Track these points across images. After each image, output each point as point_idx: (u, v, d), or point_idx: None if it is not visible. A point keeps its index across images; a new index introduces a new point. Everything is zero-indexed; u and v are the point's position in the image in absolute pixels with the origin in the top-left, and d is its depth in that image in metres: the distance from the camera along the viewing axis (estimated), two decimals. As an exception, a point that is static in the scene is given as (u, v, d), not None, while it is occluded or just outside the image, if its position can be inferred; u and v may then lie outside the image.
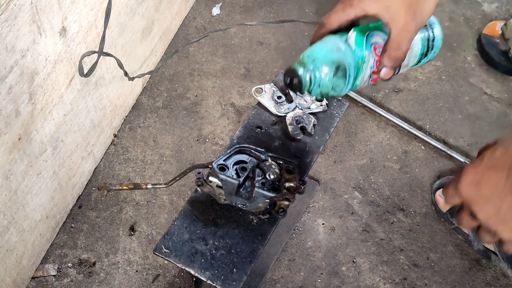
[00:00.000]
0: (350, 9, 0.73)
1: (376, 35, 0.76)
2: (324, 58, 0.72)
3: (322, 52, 0.73)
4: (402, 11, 0.71)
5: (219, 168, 0.87)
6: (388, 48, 0.74)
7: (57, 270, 1.20)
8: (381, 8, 0.71)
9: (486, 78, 1.60)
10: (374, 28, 0.77)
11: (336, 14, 0.74)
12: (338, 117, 1.08)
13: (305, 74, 0.73)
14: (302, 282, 1.22)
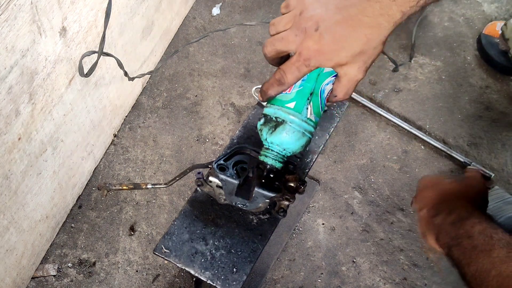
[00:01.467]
0: (306, 68, 0.74)
1: (326, 86, 0.79)
2: (294, 147, 0.79)
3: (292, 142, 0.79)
4: (356, 67, 0.74)
5: (219, 168, 0.87)
6: (337, 94, 0.78)
7: (57, 270, 1.20)
8: (335, 65, 0.73)
9: (486, 78, 1.60)
10: (321, 78, 0.78)
11: (292, 74, 0.75)
12: (338, 117, 1.07)
13: (280, 164, 0.82)
14: (302, 282, 1.22)
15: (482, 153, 1.44)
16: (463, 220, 0.75)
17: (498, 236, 0.69)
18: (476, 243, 0.70)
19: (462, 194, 0.82)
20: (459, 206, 0.78)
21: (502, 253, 0.67)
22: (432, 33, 1.71)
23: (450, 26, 1.74)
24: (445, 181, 0.86)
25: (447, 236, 0.75)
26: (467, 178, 0.87)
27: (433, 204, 0.82)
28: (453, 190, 0.83)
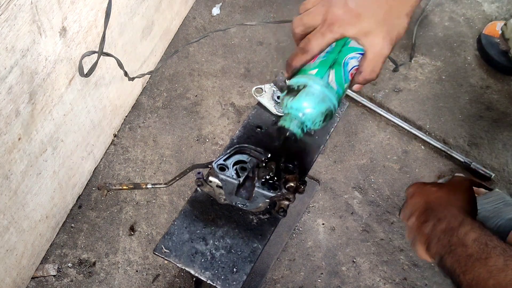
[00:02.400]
0: (330, 34, 0.75)
1: (350, 60, 0.78)
2: (313, 112, 0.76)
3: (311, 106, 0.76)
4: (380, 37, 0.75)
5: (219, 168, 0.87)
6: (363, 70, 0.78)
7: (57, 270, 1.20)
8: (360, 33, 0.75)
9: (486, 78, 1.60)
10: (345, 51, 0.78)
11: (316, 40, 0.77)
12: (338, 117, 1.07)
13: (299, 130, 0.77)
14: (302, 282, 1.22)
15: (483, 153, 1.44)
16: (455, 227, 0.73)
17: (493, 243, 0.68)
18: (471, 251, 0.69)
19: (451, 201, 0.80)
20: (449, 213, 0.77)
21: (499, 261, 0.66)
22: (433, 33, 1.70)
23: (450, 26, 1.74)
24: (432, 188, 0.84)
25: (438, 245, 0.74)
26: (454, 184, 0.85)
27: (421, 212, 0.80)
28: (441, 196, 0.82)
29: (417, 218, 0.80)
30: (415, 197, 0.84)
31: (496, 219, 1.18)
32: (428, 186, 0.85)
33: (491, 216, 1.18)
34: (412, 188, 0.87)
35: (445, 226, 0.74)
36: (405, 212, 0.85)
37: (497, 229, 1.16)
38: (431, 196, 0.82)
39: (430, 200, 0.81)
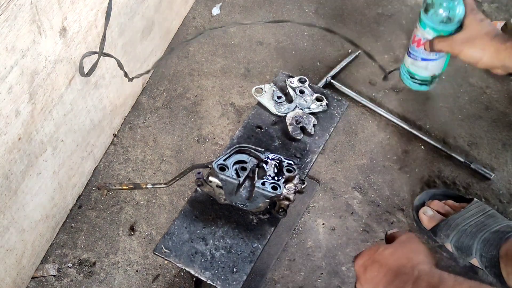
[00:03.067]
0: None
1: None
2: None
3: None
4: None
5: (219, 168, 0.87)
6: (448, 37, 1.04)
7: (57, 270, 1.20)
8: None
9: (486, 78, 1.60)
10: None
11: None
12: (338, 117, 1.08)
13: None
14: (302, 282, 1.22)
15: (482, 153, 1.44)
16: (436, 285, 0.69)
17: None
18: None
19: (413, 258, 0.76)
20: (421, 271, 0.73)
21: None
22: (432, 33, 1.70)
23: (450, 26, 1.74)
24: (384, 252, 0.78)
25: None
26: (404, 241, 0.81)
27: (389, 282, 0.75)
28: (400, 257, 0.77)
29: (385, 286, 0.75)
30: (371, 270, 0.78)
31: (480, 233, 1.17)
32: (378, 252, 0.79)
33: (475, 231, 1.17)
34: (360, 260, 0.81)
35: (425, 286, 0.70)
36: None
37: (484, 243, 1.15)
38: (390, 261, 0.77)
39: (391, 266, 0.76)
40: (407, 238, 0.81)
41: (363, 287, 0.79)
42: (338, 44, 1.65)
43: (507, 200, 1.35)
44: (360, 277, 0.80)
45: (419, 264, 0.74)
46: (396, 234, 0.84)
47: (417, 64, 1.45)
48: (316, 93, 1.09)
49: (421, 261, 0.75)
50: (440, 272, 0.72)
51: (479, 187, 1.37)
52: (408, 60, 1.48)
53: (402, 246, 0.79)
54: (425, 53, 1.40)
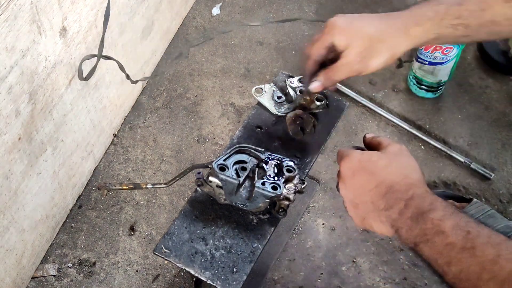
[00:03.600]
0: (324, 37, 0.85)
1: None
2: None
3: None
4: (357, 50, 0.83)
5: (219, 168, 0.87)
6: (329, 68, 0.86)
7: (57, 270, 1.20)
8: (343, 40, 0.84)
9: (486, 78, 1.60)
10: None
11: (313, 43, 0.87)
12: (338, 117, 1.07)
13: None
14: (302, 282, 1.22)
15: (482, 153, 1.44)
16: (425, 212, 0.66)
17: (475, 230, 0.63)
18: (451, 239, 0.63)
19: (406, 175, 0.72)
20: (413, 193, 0.69)
21: (489, 251, 0.61)
22: (432, 33, 1.70)
23: (450, 26, 1.74)
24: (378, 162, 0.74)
25: (410, 233, 0.67)
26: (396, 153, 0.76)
27: (379, 196, 0.72)
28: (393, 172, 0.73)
29: (374, 204, 0.72)
30: (360, 176, 0.74)
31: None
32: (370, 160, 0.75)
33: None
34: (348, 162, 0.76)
35: (414, 212, 0.68)
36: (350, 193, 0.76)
37: None
38: (383, 173, 0.73)
39: (385, 179, 0.72)
40: (400, 151, 0.77)
41: (348, 191, 0.76)
42: (338, 44, 1.65)
43: (507, 200, 1.35)
44: (345, 180, 0.76)
45: (414, 185, 0.71)
46: (383, 141, 0.79)
47: (424, 68, 1.46)
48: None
49: (416, 181, 0.72)
50: (432, 198, 0.69)
51: (479, 187, 1.37)
52: (416, 65, 1.49)
53: (397, 159, 0.75)
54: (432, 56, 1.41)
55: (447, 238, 0.64)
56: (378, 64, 0.84)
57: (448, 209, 0.67)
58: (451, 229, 0.64)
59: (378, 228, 0.73)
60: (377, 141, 0.81)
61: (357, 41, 0.83)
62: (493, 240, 0.62)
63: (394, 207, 0.70)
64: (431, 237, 0.65)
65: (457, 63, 1.47)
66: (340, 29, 0.84)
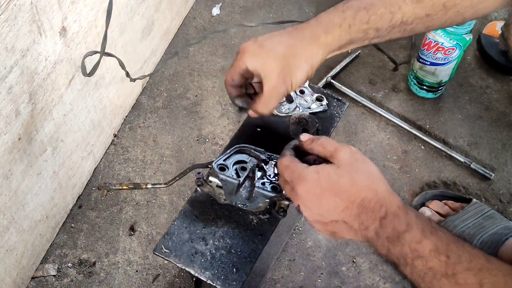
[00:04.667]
0: (236, 63, 0.85)
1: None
2: None
3: None
4: (275, 73, 0.81)
5: (219, 168, 0.87)
6: (258, 100, 0.85)
7: (57, 270, 1.20)
8: (258, 64, 0.82)
9: (486, 78, 1.60)
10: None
11: (229, 71, 0.88)
12: (338, 117, 1.07)
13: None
14: (302, 282, 1.22)
15: (482, 153, 1.44)
16: (403, 234, 0.64)
17: (455, 254, 0.61)
18: (432, 264, 0.61)
19: (377, 191, 0.67)
20: (387, 212, 0.66)
21: (471, 280, 0.59)
22: (432, 33, 1.70)
23: (450, 26, 1.74)
24: (340, 180, 0.68)
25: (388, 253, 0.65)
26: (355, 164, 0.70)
27: (351, 217, 0.67)
28: (364, 194, 0.67)
29: (347, 223, 0.68)
30: (325, 199, 0.68)
31: (478, 235, 1.16)
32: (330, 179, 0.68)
33: (473, 233, 1.17)
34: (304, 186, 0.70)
35: (390, 233, 0.64)
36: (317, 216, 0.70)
37: (482, 245, 1.15)
38: (352, 192, 0.67)
39: (354, 198, 0.67)
40: (353, 156, 0.71)
41: (314, 213, 0.70)
42: (338, 44, 1.65)
43: (507, 200, 1.35)
44: (308, 204, 0.70)
45: (386, 200, 0.67)
46: (327, 146, 0.73)
47: (425, 68, 1.47)
48: (316, 93, 1.09)
49: (386, 194, 0.68)
50: (407, 216, 0.65)
51: (479, 187, 1.37)
52: (417, 65, 1.50)
53: (358, 171, 0.69)
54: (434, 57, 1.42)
55: (428, 263, 0.62)
56: (300, 78, 0.82)
57: (426, 227, 0.64)
58: (430, 253, 0.62)
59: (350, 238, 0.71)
60: (320, 146, 0.75)
61: (272, 62, 0.81)
62: (475, 266, 0.60)
63: (369, 228, 0.66)
64: (411, 261, 0.63)
65: (458, 63, 1.47)
66: (251, 55, 0.83)
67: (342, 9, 0.83)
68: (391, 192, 0.69)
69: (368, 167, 0.71)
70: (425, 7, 0.83)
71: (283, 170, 0.75)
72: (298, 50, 0.81)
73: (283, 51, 0.81)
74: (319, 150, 0.75)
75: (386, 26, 0.83)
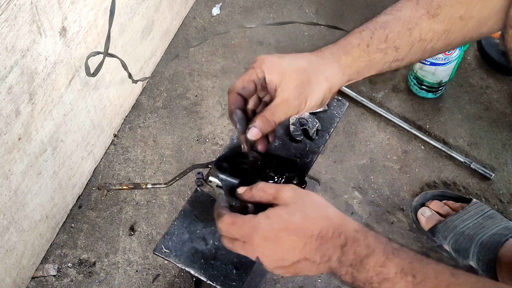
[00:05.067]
0: (251, 70, 0.78)
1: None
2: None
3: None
4: (292, 85, 0.75)
5: (219, 168, 0.87)
6: (265, 111, 0.77)
7: (57, 270, 1.20)
8: (277, 75, 0.76)
9: (486, 78, 1.60)
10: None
11: (240, 77, 0.80)
12: (338, 117, 1.07)
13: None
14: (302, 282, 1.22)
15: (482, 153, 1.44)
16: (365, 258, 0.63)
17: (420, 272, 0.61)
18: (398, 286, 0.61)
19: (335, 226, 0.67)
20: (347, 238, 0.65)
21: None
22: (432, 33, 1.70)
23: (450, 26, 1.74)
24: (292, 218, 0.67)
25: (354, 280, 0.64)
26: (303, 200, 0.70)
27: (313, 252, 0.66)
28: (320, 225, 0.66)
29: (309, 260, 0.67)
30: (282, 241, 0.67)
31: (478, 236, 1.16)
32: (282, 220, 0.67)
33: (472, 234, 1.17)
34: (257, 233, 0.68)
35: (353, 259, 0.64)
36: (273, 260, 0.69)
37: (481, 246, 1.15)
38: (307, 226, 0.66)
39: (312, 232, 0.66)
40: (295, 192, 0.70)
41: (272, 259, 0.68)
42: (338, 44, 1.65)
43: (507, 200, 1.35)
44: (265, 251, 0.68)
45: (341, 225, 0.66)
46: (267, 190, 0.72)
47: (426, 68, 1.47)
48: (316, 93, 1.09)
49: (339, 219, 0.67)
50: (367, 239, 0.65)
51: (479, 187, 1.37)
52: (417, 65, 1.50)
53: (305, 204, 0.69)
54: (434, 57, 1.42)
55: (394, 285, 0.61)
56: (317, 97, 0.77)
57: (388, 248, 0.64)
58: (396, 275, 0.61)
59: (314, 274, 0.69)
60: (260, 191, 0.73)
61: (292, 74, 0.75)
62: (441, 282, 0.60)
63: (332, 258, 0.65)
64: (377, 285, 0.62)
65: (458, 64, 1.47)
66: (271, 64, 0.76)
67: (359, 31, 0.81)
68: (343, 216, 0.69)
69: (313, 198, 0.71)
70: (442, 22, 0.81)
71: (228, 228, 0.71)
72: (320, 66, 0.77)
73: (305, 65, 0.76)
74: (260, 195, 0.73)
75: (404, 44, 0.81)
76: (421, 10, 0.81)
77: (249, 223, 0.69)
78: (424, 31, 0.81)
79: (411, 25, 0.80)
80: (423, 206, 1.28)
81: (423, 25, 0.80)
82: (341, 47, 0.80)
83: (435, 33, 0.81)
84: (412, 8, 0.81)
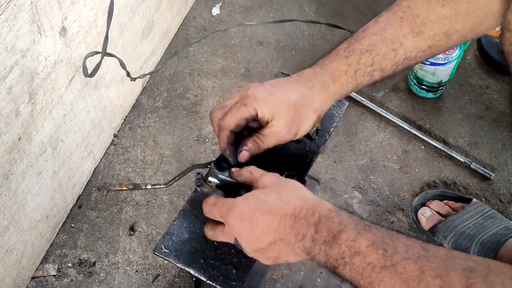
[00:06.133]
0: (244, 108, 0.79)
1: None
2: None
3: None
4: (284, 120, 0.80)
5: (219, 168, 0.87)
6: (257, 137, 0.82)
7: (57, 270, 1.20)
8: (270, 112, 0.79)
9: (486, 78, 1.60)
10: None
11: (231, 114, 0.80)
12: (338, 117, 1.07)
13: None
14: (302, 282, 1.22)
15: (482, 153, 1.44)
16: (338, 234, 0.65)
17: (391, 246, 0.62)
18: (370, 259, 0.62)
19: (309, 205, 0.69)
20: (320, 216, 0.67)
21: (411, 268, 0.59)
22: (432, 33, 1.70)
23: (450, 26, 1.74)
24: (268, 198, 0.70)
25: (327, 257, 0.65)
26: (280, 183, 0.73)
27: (287, 230, 0.68)
28: (295, 204, 0.69)
29: (284, 239, 0.68)
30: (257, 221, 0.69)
31: (478, 236, 1.16)
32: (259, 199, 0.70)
33: (473, 234, 1.17)
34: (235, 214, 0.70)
35: (326, 236, 0.65)
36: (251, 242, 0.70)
37: (481, 246, 1.15)
38: (281, 206, 0.69)
39: (286, 211, 0.69)
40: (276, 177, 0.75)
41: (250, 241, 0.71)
42: (338, 43, 1.65)
43: (507, 200, 1.35)
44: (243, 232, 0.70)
45: (316, 205, 0.69)
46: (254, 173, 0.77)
47: (426, 68, 1.47)
48: (316, 93, 1.09)
49: (315, 200, 0.70)
50: (339, 216, 0.67)
51: (479, 187, 1.37)
52: (417, 65, 1.49)
53: (283, 186, 0.72)
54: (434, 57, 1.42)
55: (365, 259, 0.62)
56: (305, 129, 0.83)
57: (360, 225, 0.65)
58: (367, 249, 0.62)
59: (293, 260, 0.70)
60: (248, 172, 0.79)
61: (283, 110, 0.80)
62: (412, 255, 0.61)
63: (306, 236, 0.67)
64: (349, 259, 0.63)
65: (458, 64, 1.47)
66: (263, 102, 0.79)
67: (345, 55, 0.83)
68: (319, 199, 0.71)
69: (293, 183, 0.74)
70: (426, 39, 0.82)
71: (211, 209, 0.75)
72: (310, 100, 0.81)
73: (295, 100, 0.80)
74: (247, 175, 0.78)
75: (390, 65, 0.83)
76: (405, 29, 0.82)
77: (228, 203, 0.73)
78: (409, 50, 0.83)
79: (396, 45, 0.82)
80: (423, 206, 1.29)
81: (408, 43, 0.82)
82: (329, 74, 0.83)
83: (419, 50, 0.84)
84: (396, 27, 0.83)
